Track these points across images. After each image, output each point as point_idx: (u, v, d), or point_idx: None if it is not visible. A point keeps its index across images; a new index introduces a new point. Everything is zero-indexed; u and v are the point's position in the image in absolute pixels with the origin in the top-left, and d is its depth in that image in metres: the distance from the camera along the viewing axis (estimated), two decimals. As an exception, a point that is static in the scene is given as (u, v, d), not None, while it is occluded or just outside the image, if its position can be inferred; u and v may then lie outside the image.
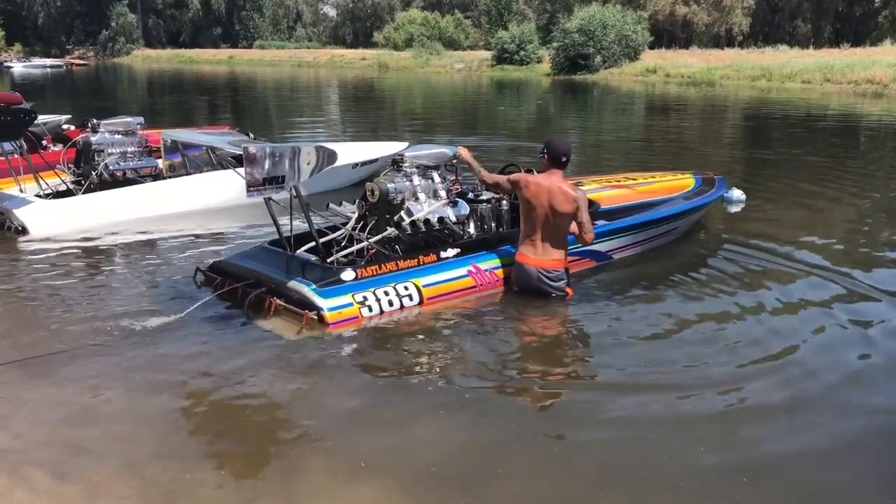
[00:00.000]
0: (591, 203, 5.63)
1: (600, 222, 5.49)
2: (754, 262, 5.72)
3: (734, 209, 7.47)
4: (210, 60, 62.10)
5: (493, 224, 5.35)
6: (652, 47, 41.37)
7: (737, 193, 7.59)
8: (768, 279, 5.34)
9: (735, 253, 5.98)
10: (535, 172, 5.41)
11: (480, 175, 5.11)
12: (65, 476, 2.93)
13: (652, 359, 4.03)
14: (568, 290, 4.82)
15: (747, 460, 3.10)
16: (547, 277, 4.75)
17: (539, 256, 4.76)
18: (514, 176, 4.96)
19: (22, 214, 6.37)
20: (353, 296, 4.41)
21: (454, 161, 5.16)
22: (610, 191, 6.15)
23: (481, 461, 3.08)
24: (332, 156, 4.30)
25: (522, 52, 43.24)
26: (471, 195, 5.35)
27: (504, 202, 5.38)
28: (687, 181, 6.63)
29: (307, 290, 4.35)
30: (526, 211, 4.78)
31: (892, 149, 13.60)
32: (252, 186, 4.03)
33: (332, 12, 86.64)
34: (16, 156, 6.98)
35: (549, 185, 4.70)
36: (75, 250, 5.99)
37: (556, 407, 3.65)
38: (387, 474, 2.98)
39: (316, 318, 4.27)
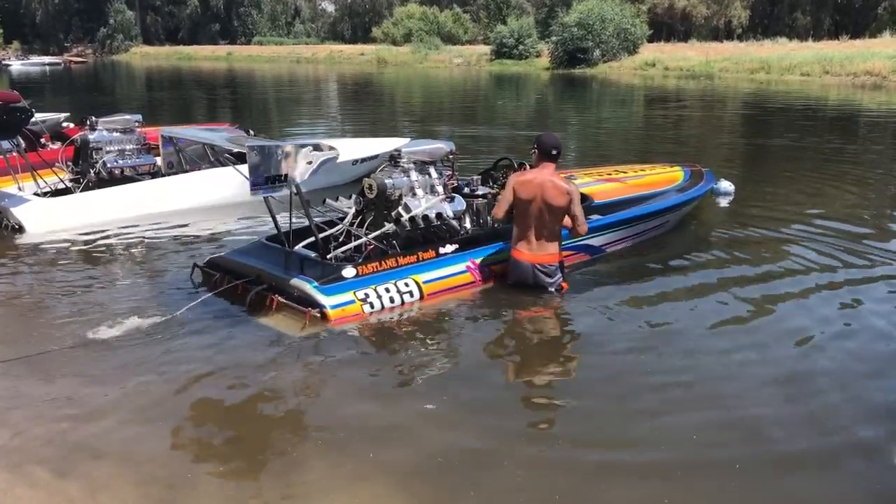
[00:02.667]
0: (584, 197, 5.66)
1: (594, 216, 5.50)
2: (749, 250, 5.76)
3: (723, 201, 7.50)
4: (208, 57, 61.99)
5: (488, 219, 5.35)
6: (651, 40, 41.28)
7: (725, 185, 7.62)
8: (764, 268, 5.38)
9: (730, 242, 6.03)
10: (528, 167, 5.44)
11: (496, 219, 5.01)
12: (65, 473, 2.94)
13: (649, 352, 4.04)
14: (563, 284, 4.83)
15: (742, 454, 3.09)
16: (543, 272, 4.76)
17: (534, 252, 4.77)
18: (507, 187, 4.84)
19: (19, 212, 6.37)
20: (354, 293, 4.41)
21: (450, 156, 5.15)
22: (602, 184, 6.17)
23: (484, 456, 3.08)
24: (333, 152, 4.30)
25: (521, 47, 43.16)
26: (466, 190, 5.35)
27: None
28: (676, 174, 6.66)
29: (309, 288, 4.35)
30: (520, 208, 4.77)
31: (891, 140, 13.58)
32: (255, 184, 4.03)
33: (330, 8, 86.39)
34: (14, 154, 6.97)
35: (542, 180, 4.70)
36: (73, 248, 5.99)
37: (556, 402, 3.65)
38: (389, 470, 2.98)
39: (319, 315, 4.27)
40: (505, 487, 2.88)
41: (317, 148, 4.24)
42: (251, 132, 8.55)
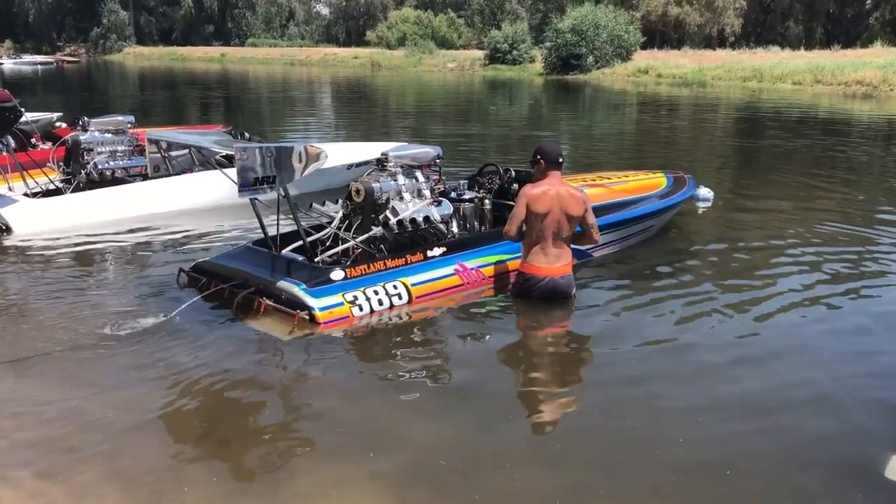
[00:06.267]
0: None
1: None
2: (743, 255, 5.85)
3: (702, 207, 7.55)
4: (202, 58, 61.82)
5: (475, 223, 5.37)
6: (644, 48, 41.45)
7: (703, 192, 7.65)
8: (752, 270, 5.47)
9: (720, 247, 6.15)
10: (513, 172, 5.59)
11: (509, 237, 4.89)
12: (50, 476, 2.92)
13: (638, 354, 4.06)
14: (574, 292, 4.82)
15: (737, 456, 3.11)
16: (562, 283, 4.71)
17: (552, 264, 4.69)
18: (518, 203, 4.71)
19: (6, 213, 6.34)
20: (343, 295, 4.41)
21: (437, 160, 5.16)
22: (587, 190, 6.20)
23: (475, 458, 3.08)
24: (322, 157, 4.29)
25: (515, 52, 43.23)
26: (453, 194, 5.37)
27: (487, 201, 5.41)
28: (659, 180, 6.71)
29: (298, 290, 4.35)
30: (533, 221, 4.66)
31: (882, 148, 13.68)
32: (243, 187, 4.03)
33: (324, 11, 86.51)
34: (4, 154, 6.95)
35: (557, 192, 4.64)
36: (60, 250, 5.96)
37: (547, 403, 3.66)
38: (382, 474, 2.97)
39: (307, 317, 4.28)
40: (502, 491, 2.87)
41: (306, 151, 4.23)
42: (247, 135, 8.54)
